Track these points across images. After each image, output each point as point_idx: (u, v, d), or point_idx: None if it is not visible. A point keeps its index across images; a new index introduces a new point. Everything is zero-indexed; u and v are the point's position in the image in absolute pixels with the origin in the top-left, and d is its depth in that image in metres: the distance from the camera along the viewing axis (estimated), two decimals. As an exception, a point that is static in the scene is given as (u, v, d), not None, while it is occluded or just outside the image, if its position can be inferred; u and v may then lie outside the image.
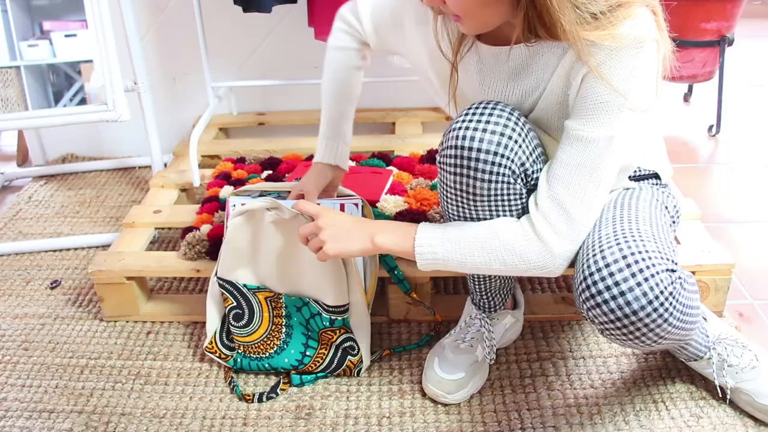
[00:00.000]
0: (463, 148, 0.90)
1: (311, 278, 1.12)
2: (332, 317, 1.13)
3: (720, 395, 1.10)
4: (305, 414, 1.12)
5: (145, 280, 1.39)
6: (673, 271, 0.83)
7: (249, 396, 1.14)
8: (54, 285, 1.50)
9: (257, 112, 2.05)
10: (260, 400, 1.14)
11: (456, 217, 0.98)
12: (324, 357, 1.17)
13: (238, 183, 1.55)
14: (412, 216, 1.34)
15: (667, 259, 0.84)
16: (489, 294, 1.17)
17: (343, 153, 1.19)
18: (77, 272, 1.54)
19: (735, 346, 1.08)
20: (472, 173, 0.90)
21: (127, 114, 1.54)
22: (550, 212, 0.88)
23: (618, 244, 0.84)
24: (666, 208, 1.01)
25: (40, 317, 1.40)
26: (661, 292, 0.81)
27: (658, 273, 0.81)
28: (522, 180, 0.92)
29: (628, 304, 0.81)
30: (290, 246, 1.11)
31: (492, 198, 0.92)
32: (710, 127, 2.12)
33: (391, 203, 1.40)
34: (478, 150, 0.89)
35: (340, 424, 1.10)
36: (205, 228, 1.37)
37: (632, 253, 0.82)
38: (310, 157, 1.66)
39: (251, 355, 1.19)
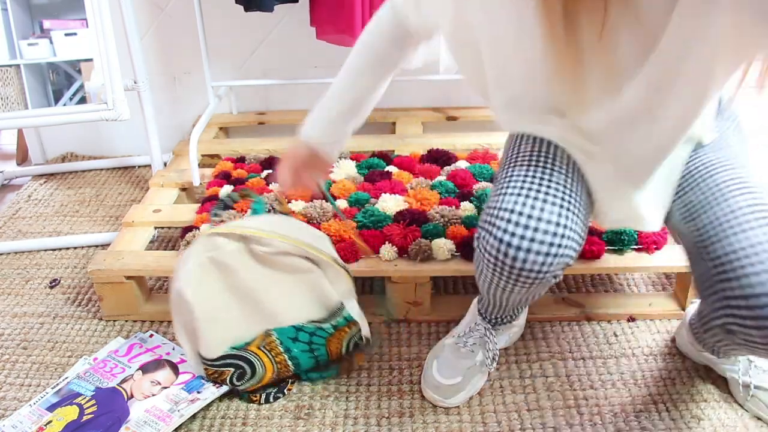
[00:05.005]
0: (507, 255, 0.81)
1: (294, 304, 1.11)
2: (332, 322, 1.13)
3: (741, 394, 1.09)
4: (305, 414, 1.12)
5: (145, 279, 1.39)
6: None
7: (256, 397, 1.14)
8: (53, 284, 1.50)
9: (257, 111, 2.05)
10: (267, 401, 1.14)
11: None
12: (336, 358, 1.16)
13: (238, 182, 1.55)
14: (412, 216, 1.34)
15: None
16: (503, 310, 1.10)
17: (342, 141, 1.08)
18: (76, 271, 1.54)
19: None
20: (518, 282, 0.85)
21: (127, 113, 1.54)
22: None
23: None
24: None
25: (39, 316, 1.40)
26: None
27: None
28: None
29: None
30: (266, 279, 1.09)
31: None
32: (711, 128, 2.12)
33: (391, 203, 1.40)
34: (524, 261, 0.80)
35: (339, 424, 1.10)
36: (205, 227, 1.37)
37: None
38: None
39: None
